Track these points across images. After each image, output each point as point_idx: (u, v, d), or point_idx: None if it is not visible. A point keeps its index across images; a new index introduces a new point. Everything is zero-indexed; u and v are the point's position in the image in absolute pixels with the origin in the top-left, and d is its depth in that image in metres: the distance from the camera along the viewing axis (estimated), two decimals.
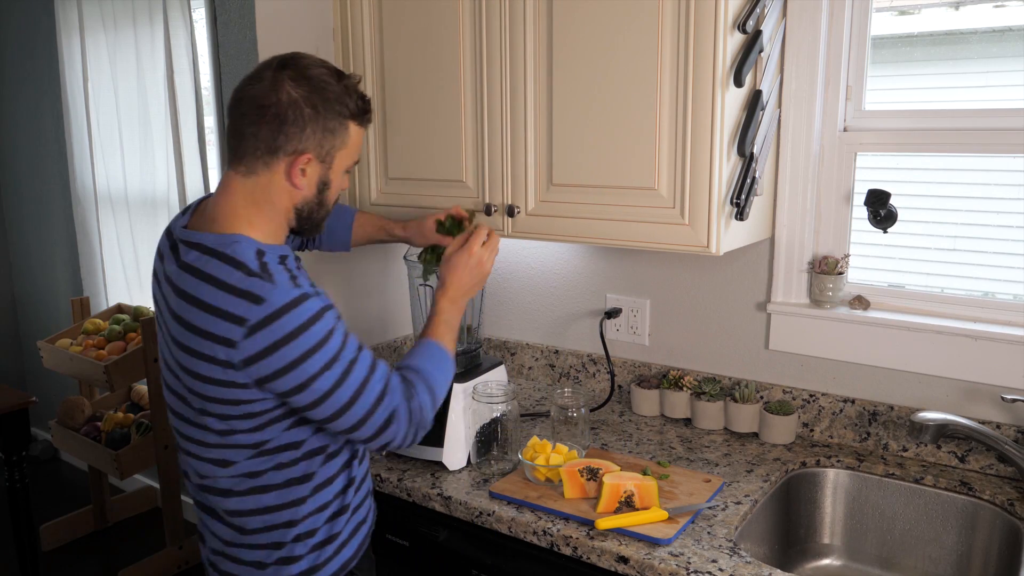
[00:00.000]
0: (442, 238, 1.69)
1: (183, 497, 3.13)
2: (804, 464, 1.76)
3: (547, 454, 1.63)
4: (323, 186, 1.32)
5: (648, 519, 1.46)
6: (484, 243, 1.54)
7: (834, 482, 1.75)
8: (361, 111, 1.32)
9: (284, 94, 1.24)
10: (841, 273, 1.80)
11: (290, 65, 1.27)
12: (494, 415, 1.72)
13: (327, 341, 1.22)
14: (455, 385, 1.72)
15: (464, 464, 1.74)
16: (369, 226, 1.81)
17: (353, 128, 1.32)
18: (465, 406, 1.73)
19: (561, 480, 1.58)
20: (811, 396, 1.87)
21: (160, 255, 1.35)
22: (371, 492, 1.55)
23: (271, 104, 1.25)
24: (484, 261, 1.53)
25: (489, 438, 1.73)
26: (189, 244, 1.27)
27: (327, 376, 1.22)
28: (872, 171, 1.78)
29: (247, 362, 1.20)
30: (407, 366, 1.40)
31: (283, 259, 1.28)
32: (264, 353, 1.19)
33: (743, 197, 1.61)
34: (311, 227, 1.37)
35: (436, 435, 1.72)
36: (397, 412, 1.31)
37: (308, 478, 1.34)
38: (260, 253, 1.25)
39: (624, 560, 1.39)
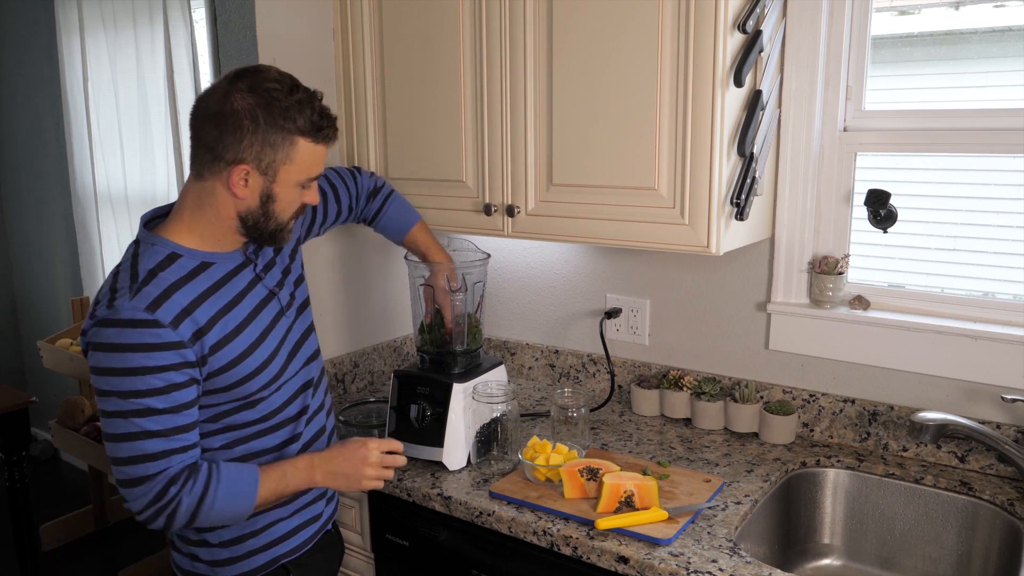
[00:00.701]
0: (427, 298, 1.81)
1: None
2: (804, 464, 1.76)
3: (547, 454, 1.63)
4: (267, 198, 1.31)
5: (648, 519, 1.46)
6: (385, 452, 1.44)
7: (834, 482, 1.75)
8: (314, 128, 1.29)
9: (229, 104, 1.26)
10: (841, 273, 1.80)
11: (245, 76, 1.28)
12: (494, 415, 1.72)
13: (137, 374, 1.23)
14: (455, 385, 1.73)
15: (464, 464, 1.74)
16: (419, 243, 1.83)
17: (303, 144, 1.29)
18: (465, 406, 1.73)
19: (561, 480, 1.58)
20: (811, 396, 1.87)
21: None
22: (327, 494, 1.55)
23: (216, 113, 1.27)
24: (368, 463, 1.41)
25: (489, 438, 1.73)
26: (137, 236, 1.36)
27: (116, 402, 1.23)
28: (872, 171, 1.78)
29: (85, 348, 1.28)
30: (216, 466, 1.31)
31: (198, 270, 1.31)
32: (91, 347, 1.26)
33: (743, 197, 1.61)
34: (261, 237, 1.36)
35: (436, 435, 1.72)
36: (149, 483, 1.25)
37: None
38: (170, 258, 1.29)
39: (624, 560, 1.39)
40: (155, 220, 1.38)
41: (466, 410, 1.73)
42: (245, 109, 1.25)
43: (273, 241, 1.38)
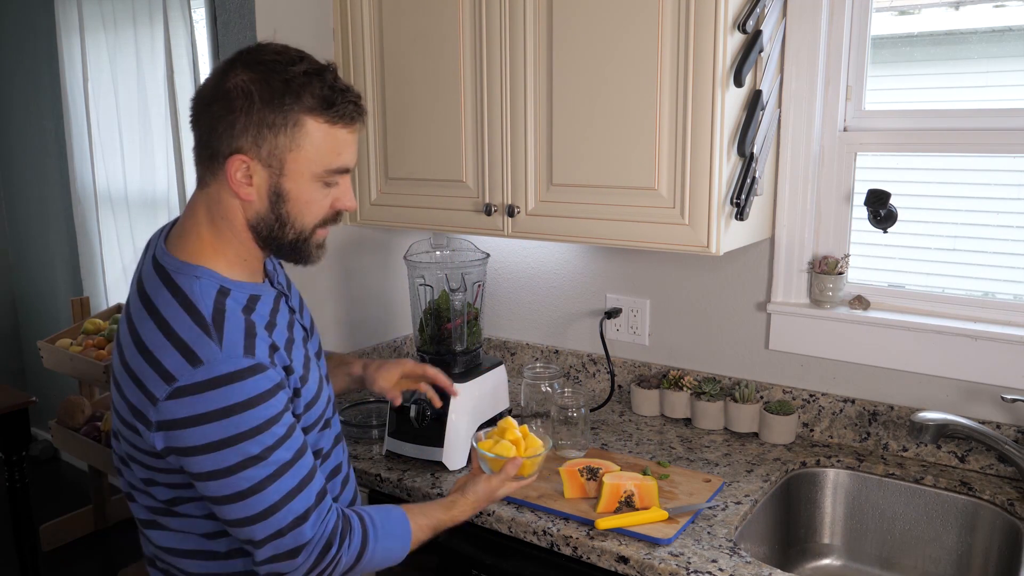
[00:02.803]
0: (395, 390, 1.54)
1: None
2: (804, 464, 1.76)
3: (514, 436, 1.42)
4: (276, 197, 1.08)
5: (648, 519, 1.46)
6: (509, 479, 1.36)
7: (834, 482, 1.75)
8: (325, 103, 1.05)
9: (223, 86, 1.04)
10: (841, 273, 1.80)
11: (243, 53, 1.07)
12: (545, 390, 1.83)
13: (267, 428, 1.03)
14: (455, 385, 1.72)
15: (464, 464, 1.74)
16: (333, 370, 1.53)
17: (312, 125, 1.06)
18: (469, 403, 1.73)
19: (557, 477, 1.58)
20: (811, 396, 1.87)
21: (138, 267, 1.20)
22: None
23: (209, 100, 1.06)
24: (500, 495, 1.37)
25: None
26: (155, 264, 1.11)
27: (253, 471, 1.02)
28: (872, 171, 1.78)
29: (161, 426, 1.02)
30: (369, 518, 1.19)
31: (251, 304, 1.10)
32: (184, 423, 1.00)
33: (743, 197, 1.61)
34: (282, 252, 1.14)
35: (436, 435, 1.72)
36: (309, 547, 1.08)
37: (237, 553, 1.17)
38: (223, 294, 1.07)
39: (624, 560, 1.39)
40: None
41: (468, 410, 1.73)
42: (239, 87, 1.03)
43: (298, 256, 1.14)
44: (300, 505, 1.07)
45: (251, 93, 1.03)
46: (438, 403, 1.58)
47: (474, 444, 1.42)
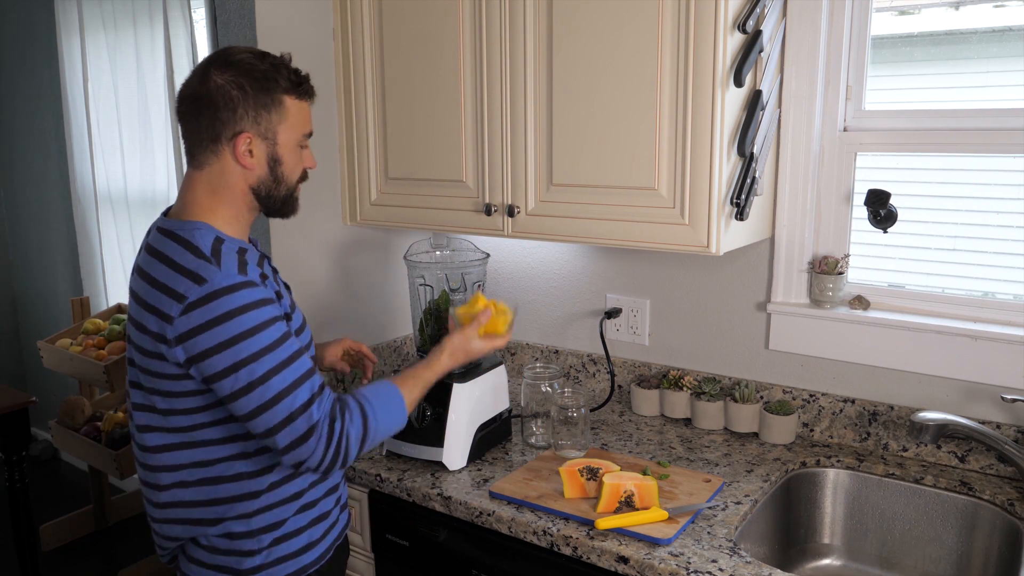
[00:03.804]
0: (341, 362, 1.73)
1: None
2: (804, 464, 1.76)
3: (485, 303, 1.57)
4: (273, 163, 1.35)
5: (648, 519, 1.46)
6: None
7: (834, 482, 1.75)
8: (295, 84, 1.35)
9: (212, 83, 1.29)
10: (841, 273, 1.80)
11: (216, 57, 1.33)
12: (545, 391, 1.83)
13: (264, 328, 1.25)
14: (455, 385, 1.72)
15: (464, 464, 1.74)
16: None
17: (290, 102, 1.34)
18: (469, 403, 1.73)
19: (557, 475, 1.58)
20: (811, 396, 1.87)
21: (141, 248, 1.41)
22: (342, 501, 1.53)
23: (201, 95, 1.30)
24: (475, 349, 1.55)
25: (493, 435, 1.74)
26: (160, 230, 1.34)
27: (258, 365, 1.23)
28: (872, 171, 1.78)
29: (180, 339, 1.24)
30: (358, 393, 1.37)
31: (241, 251, 1.32)
32: (197, 330, 1.23)
33: (743, 197, 1.61)
34: (275, 207, 1.40)
35: (436, 435, 1.72)
36: (318, 427, 1.27)
37: (263, 472, 1.35)
38: (218, 240, 1.30)
39: (624, 560, 1.39)
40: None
41: (467, 410, 1.73)
42: (229, 82, 1.29)
43: (286, 209, 1.42)
44: (305, 393, 1.27)
45: (243, 85, 1.30)
46: (368, 373, 1.76)
47: (451, 311, 1.58)
